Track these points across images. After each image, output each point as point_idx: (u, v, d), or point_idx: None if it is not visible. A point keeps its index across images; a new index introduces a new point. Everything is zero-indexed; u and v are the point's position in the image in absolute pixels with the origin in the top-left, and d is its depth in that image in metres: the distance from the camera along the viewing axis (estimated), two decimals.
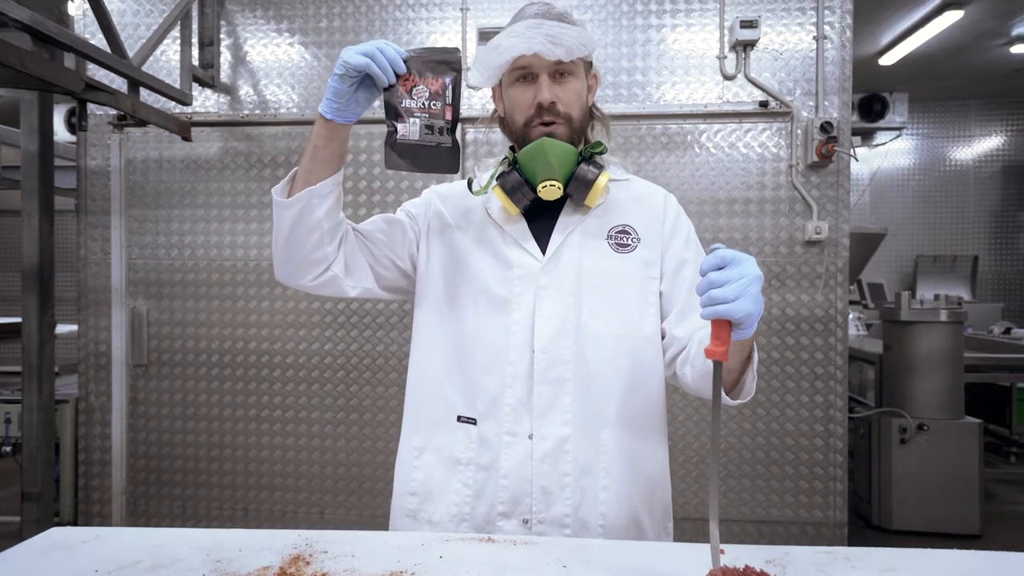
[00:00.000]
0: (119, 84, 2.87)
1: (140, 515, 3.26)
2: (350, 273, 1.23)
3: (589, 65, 1.29)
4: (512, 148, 1.29)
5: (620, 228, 1.26)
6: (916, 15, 5.37)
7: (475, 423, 1.20)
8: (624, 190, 1.30)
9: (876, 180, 7.31)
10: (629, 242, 1.25)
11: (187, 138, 3.10)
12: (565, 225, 1.25)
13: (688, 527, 2.96)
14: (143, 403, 3.26)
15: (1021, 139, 7.50)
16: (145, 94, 3.01)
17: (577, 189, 1.20)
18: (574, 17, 1.26)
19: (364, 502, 3.20)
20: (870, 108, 6.66)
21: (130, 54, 2.74)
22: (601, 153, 1.25)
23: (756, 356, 1.07)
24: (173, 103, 3.11)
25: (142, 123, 2.92)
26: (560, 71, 1.21)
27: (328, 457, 3.21)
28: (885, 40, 5.89)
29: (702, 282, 0.90)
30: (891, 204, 7.48)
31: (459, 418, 1.22)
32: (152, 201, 3.27)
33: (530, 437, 1.17)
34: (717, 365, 0.93)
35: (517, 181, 1.20)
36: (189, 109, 3.20)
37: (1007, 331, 5.28)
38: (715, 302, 0.88)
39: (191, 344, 3.24)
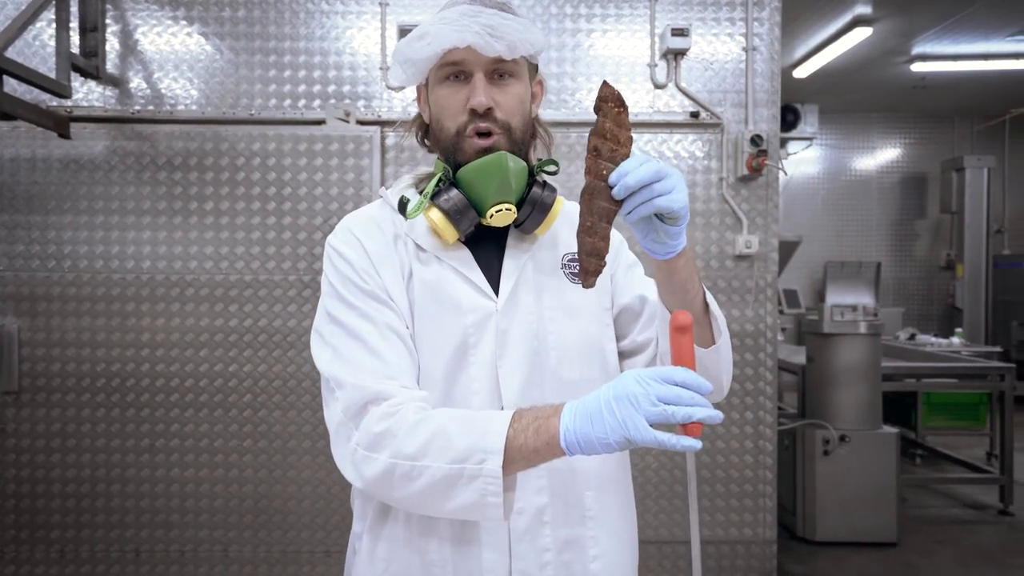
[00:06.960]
0: None
1: (8, 562, 2.86)
2: None
3: (535, 69, 1.11)
4: (445, 160, 1.07)
5: (571, 256, 1.10)
6: (829, 30, 5.53)
7: None
8: (561, 212, 1.13)
9: (788, 188, 7.52)
10: None
11: (65, 135, 2.74)
12: (515, 255, 1.07)
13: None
14: (13, 435, 2.86)
15: (917, 151, 7.93)
16: (14, 84, 2.64)
17: (531, 215, 1.04)
18: (516, 11, 1.07)
19: (274, 537, 2.93)
20: (783, 118, 6.86)
21: None
22: (554, 173, 1.09)
23: (714, 305, 1.04)
24: (49, 95, 2.74)
25: (9, 117, 2.55)
26: (499, 71, 1.02)
27: (233, 489, 2.91)
28: (799, 53, 6.06)
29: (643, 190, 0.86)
30: (802, 211, 7.73)
31: None
32: (24, 205, 2.88)
33: None
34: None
35: (463, 203, 1.01)
36: (69, 102, 2.84)
37: (912, 337, 5.51)
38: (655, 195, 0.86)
39: (72, 367, 2.87)
